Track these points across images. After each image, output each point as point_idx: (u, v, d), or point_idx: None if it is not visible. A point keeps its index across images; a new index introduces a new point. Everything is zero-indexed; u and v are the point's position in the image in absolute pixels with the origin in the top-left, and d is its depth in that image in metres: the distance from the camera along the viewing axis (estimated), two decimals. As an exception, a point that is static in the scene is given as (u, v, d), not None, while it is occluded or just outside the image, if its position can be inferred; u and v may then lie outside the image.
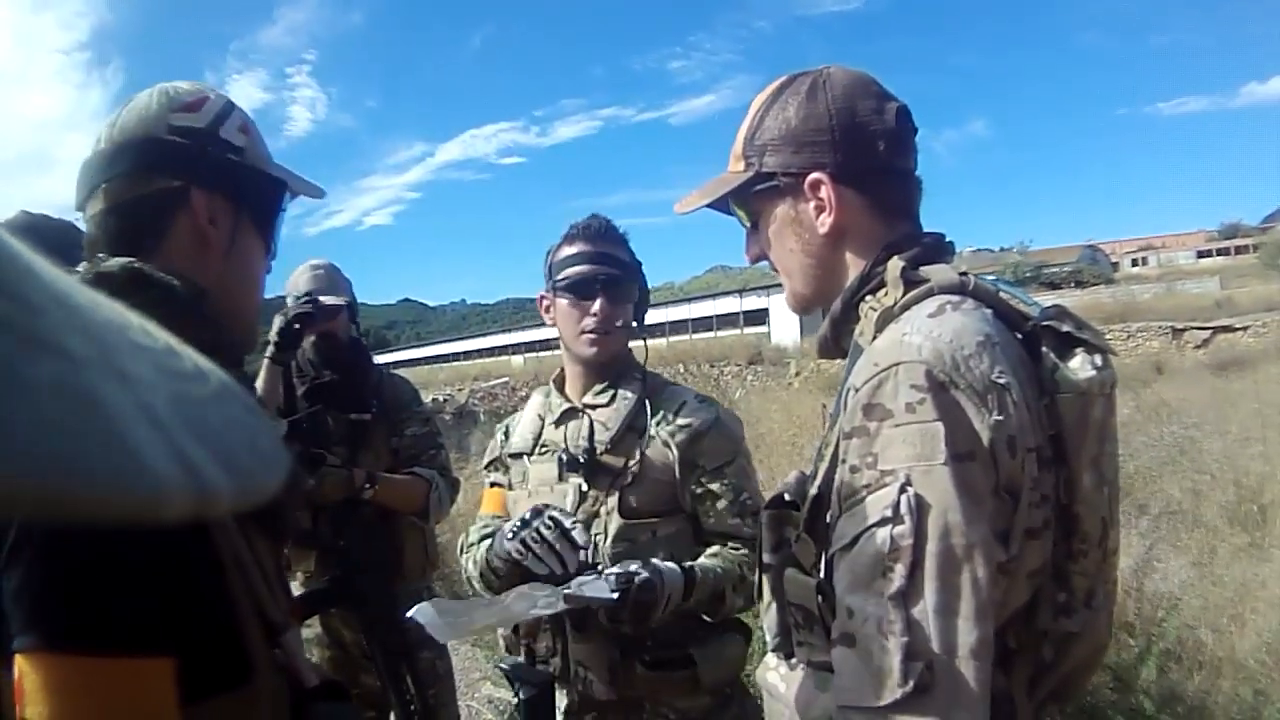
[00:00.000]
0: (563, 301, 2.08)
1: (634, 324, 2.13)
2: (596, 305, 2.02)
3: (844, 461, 1.03)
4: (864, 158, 1.22)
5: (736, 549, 1.96)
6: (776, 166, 1.24)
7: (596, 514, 1.98)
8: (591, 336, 2.04)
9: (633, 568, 1.78)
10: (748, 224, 1.34)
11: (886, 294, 1.16)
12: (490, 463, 2.24)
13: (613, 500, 1.99)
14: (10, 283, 0.26)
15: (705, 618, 1.98)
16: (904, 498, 0.95)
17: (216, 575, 0.90)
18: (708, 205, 1.36)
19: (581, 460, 2.01)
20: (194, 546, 0.89)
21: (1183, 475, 6.10)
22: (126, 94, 1.24)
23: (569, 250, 2.08)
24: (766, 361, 27.31)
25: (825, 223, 1.22)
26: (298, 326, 2.79)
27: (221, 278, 1.16)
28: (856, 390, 1.04)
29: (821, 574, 1.11)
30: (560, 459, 2.03)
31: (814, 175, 1.21)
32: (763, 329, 39.12)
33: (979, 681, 0.93)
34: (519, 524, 1.86)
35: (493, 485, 2.21)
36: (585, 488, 2.01)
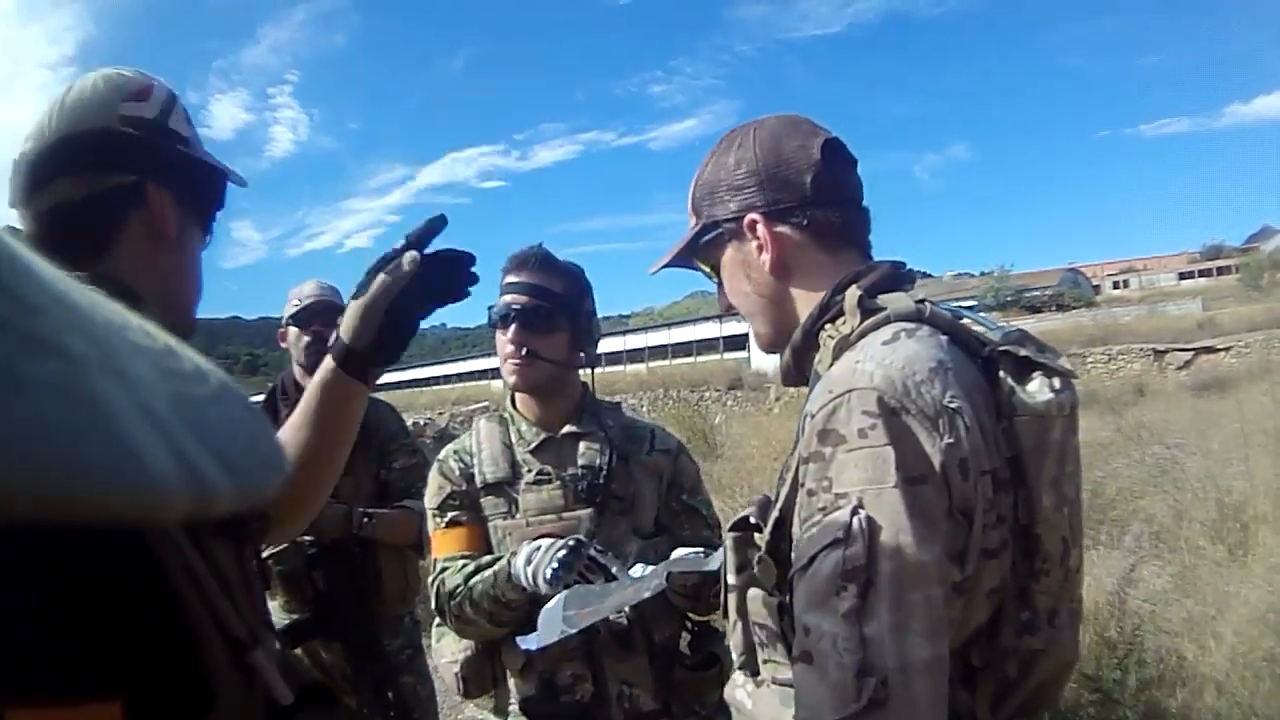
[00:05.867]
0: (496, 329, 2.14)
1: (580, 354, 2.18)
2: (510, 333, 2.08)
3: (802, 485, 1.06)
4: (791, 194, 1.27)
5: None
6: (719, 214, 1.31)
7: (611, 538, 2.04)
8: (510, 364, 2.10)
9: (700, 550, 1.89)
10: (713, 277, 1.39)
11: (844, 322, 1.20)
12: (445, 501, 2.12)
13: (625, 523, 2.09)
14: (10, 283, 0.26)
15: (692, 616, 2.12)
16: (856, 520, 0.97)
17: (166, 600, 0.82)
18: (677, 265, 1.42)
19: (599, 487, 2.08)
20: (137, 573, 0.81)
21: (1165, 495, 6.13)
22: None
23: (505, 280, 2.14)
24: (746, 386, 27.32)
25: (766, 260, 1.28)
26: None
27: (167, 274, 1.14)
28: (813, 416, 1.07)
29: (785, 594, 1.13)
30: (571, 487, 2.08)
31: (749, 216, 1.27)
32: (742, 354, 39.14)
33: (933, 697, 0.95)
34: (563, 556, 1.84)
35: (450, 525, 2.10)
36: (597, 515, 2.07)
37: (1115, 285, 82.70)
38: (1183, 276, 79.69)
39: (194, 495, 0.28)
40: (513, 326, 2.07)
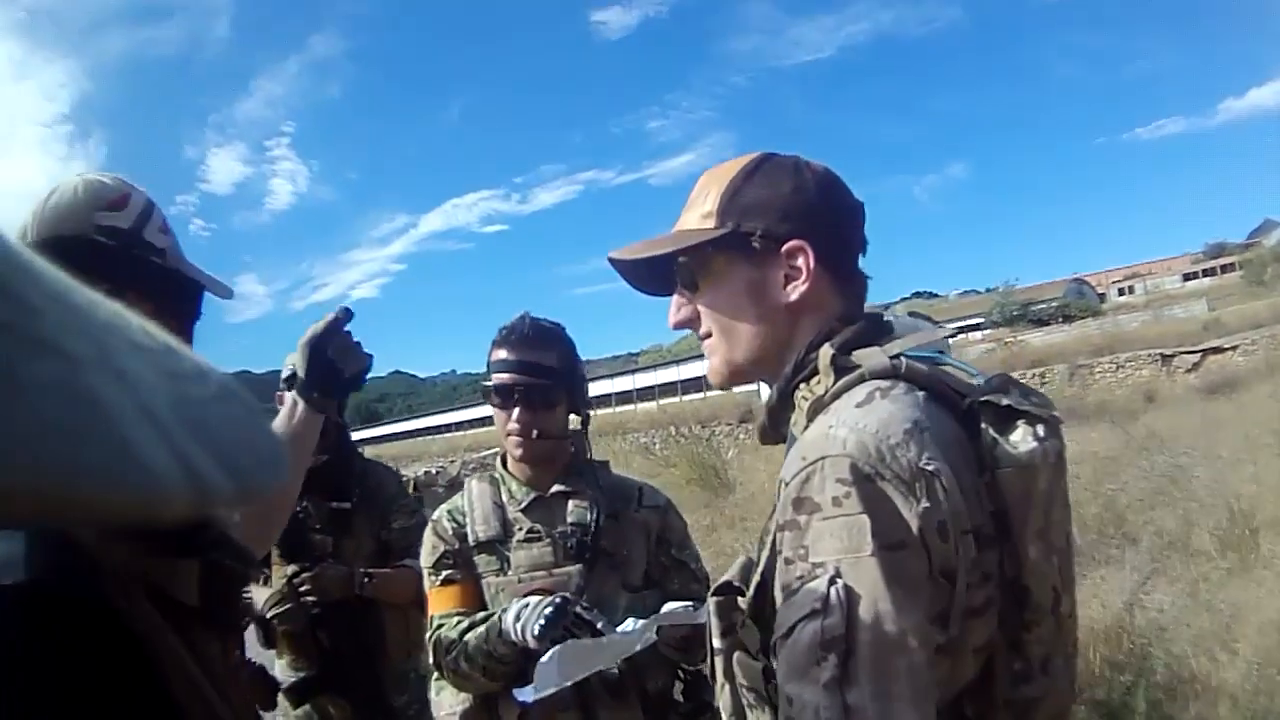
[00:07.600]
0: (493, 404, 2.21)
1: (575, 415, 2.28)
2: (515, 414, 2.16)
3: (780, 553, 1.05)
4: (841, 240, 1.27)
5: None
6: (758, 228, 1.23)
7: (601, 593, 2.10)
8: (514, 440, 2.18)
9: (689, 603, 1.95)
10: (688, 287, 1.32)
11: (819, 382, 1.18)
12: (439, 560, 2.20)
13: (614, 578, 2.16)
14: (10, 283, 0.26)
15: (685, 665, 2.14)
16: (834, 589, 0.96)
17: (165, 702, 0.83)
18: (648, 258, 1.33)
19: (588, 544, 2.14)
20: (136, 678, 0.81)
21: (1174, 504, 6.09)
22: (109, 168, 1.18)
23: (497, 354, 2.20)
24: (757, 419, 27.07)
25: (795, 290, 1.22)
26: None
27: None
28: (786, 484, 1.06)
29: (769, 658, 1.11)
30: (561, 544, 2.14)
31: (796, 242, 1.21)
32: (751, 387, 38.90)
33: None
34: (549, 613, 1.90)
35: (445, 583, 2.17)
36: (587, 570, 2.12)
37: (1120, 292, 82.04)
38: (1187, 278, 78.85)
39: (194, 495, 0.28)
40: (517, 409, 2.15)
